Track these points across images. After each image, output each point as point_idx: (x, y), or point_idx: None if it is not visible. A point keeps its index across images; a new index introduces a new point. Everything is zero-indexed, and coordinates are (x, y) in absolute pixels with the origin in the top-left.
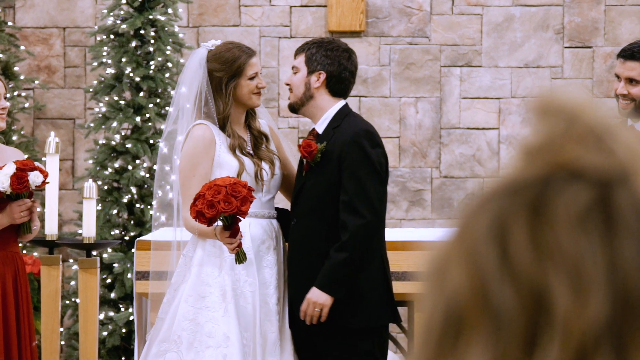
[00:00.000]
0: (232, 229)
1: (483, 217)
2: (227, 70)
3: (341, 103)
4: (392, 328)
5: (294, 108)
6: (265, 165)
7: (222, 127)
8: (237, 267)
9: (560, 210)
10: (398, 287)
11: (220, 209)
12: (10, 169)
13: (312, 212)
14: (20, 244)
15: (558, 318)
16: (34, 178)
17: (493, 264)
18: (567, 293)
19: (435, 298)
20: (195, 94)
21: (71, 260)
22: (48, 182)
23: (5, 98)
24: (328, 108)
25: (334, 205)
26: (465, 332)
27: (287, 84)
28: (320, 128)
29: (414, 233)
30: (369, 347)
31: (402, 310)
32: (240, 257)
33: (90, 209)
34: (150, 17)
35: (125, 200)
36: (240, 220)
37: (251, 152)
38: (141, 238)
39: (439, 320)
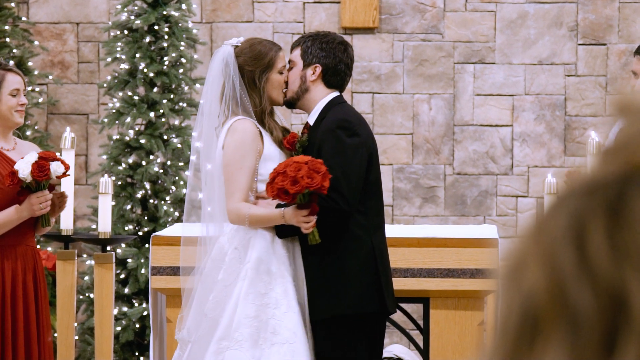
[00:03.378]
0: (310, 207)
1: (561, 217)
2: (259, 64)
3: (334, 94)
4: (407, 325)
5: (291, 103)
6: None
7: (260, 121)
8: (294, 262)
9: (638, 210)
10: (413, 283)
11: (304, 185)
12: (33, 157)
13: None
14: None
15: (636, 320)
16: (56, 167)
17: (571, 265)
18: None
19: (511, 297)
20: (221, 91)
21: (84, 256)
22: (69, 175)
23: (25, 94)
24: (320, 99)
25: None
26: (542, 333)
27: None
28: (312, 120)
29: (428, 230)
30: (357, 336)
31: (417, 307)
32: (316, 236)
33: (106, 204)
34: (164, 12)
35: (139, 195)
36: (317, 199)
37: None
38: (157, 233)
39: (516, 320)
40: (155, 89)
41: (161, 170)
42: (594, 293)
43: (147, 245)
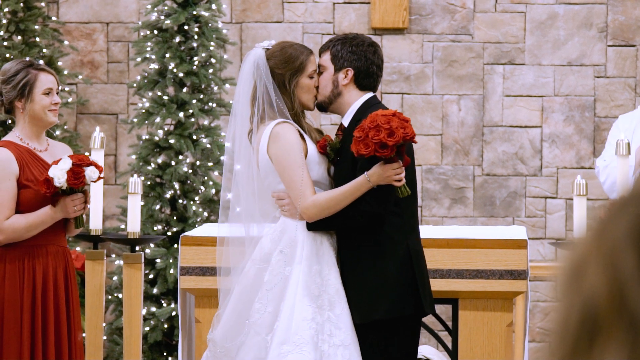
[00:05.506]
0: (403, 158)
1: (622, 221)
2: (289, 67)
3: (368, 95)
4: (435, 326)
5: (322, 106)
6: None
7: (297, 124)
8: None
9: None
10: (442, 284)
11: (401, 135)
12: (67, 164)
13: None
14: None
15: None
16: (91, 173)
17: (631, 268)
18: None
19: (571, 299)
20: (252, 93)
21: (113, 256)
22: (102, 177)
23: (57, 93)
24: (354, 102)
25: None
26: (601, 334)
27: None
28: (346, 121)
29: (457, 231)
30: (393, 338)
31: (446, 308)
32: (407, 187)
33: (135, 204)
34: (194, 12)
35: (168, 195)
36: (405, 149)
37: None
38: (186, 234)
39: (575, 322)
40: (184, 89)
41: (190, 171)
42: None
43: (175, 246)
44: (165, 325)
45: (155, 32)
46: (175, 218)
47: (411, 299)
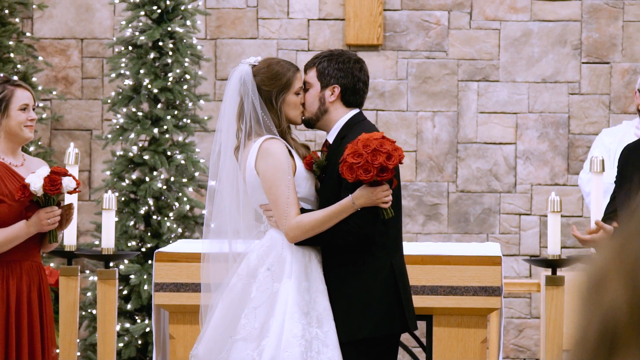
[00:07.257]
0: (392, 180)
1: None
2: (276, 84)
3: (353, 112)
4: (410, 342)
5: (310, 123)
6: None
7: (284, 140)
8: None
9: None
10: (416, 301)
11: (397, 157)
12: (45, 171)
13: None
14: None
15: None
16: (68, 182)
17: None
18: None
19: (591, 312)
20: (239, 109)
21: (87, 272)
22: (79, 190)
23: (33, 109)
24: (340, 118)
25: None
26: (620, 347)
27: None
28: (331, 138)
29: (431, 247)
30: (374, 356)
31: (420, 325)
32: (392, 210)
33: (110, 220)
34: (169, 29)
35: (142, 211)
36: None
37: None
38: (160, 250)
39: (594, 335)
40: (159, 105)
41: (164, 187)
42: None
43: (150, 262)
44: (140, 342)
45: (130, 48)
46: (149, 234)
47: (396, 316)
